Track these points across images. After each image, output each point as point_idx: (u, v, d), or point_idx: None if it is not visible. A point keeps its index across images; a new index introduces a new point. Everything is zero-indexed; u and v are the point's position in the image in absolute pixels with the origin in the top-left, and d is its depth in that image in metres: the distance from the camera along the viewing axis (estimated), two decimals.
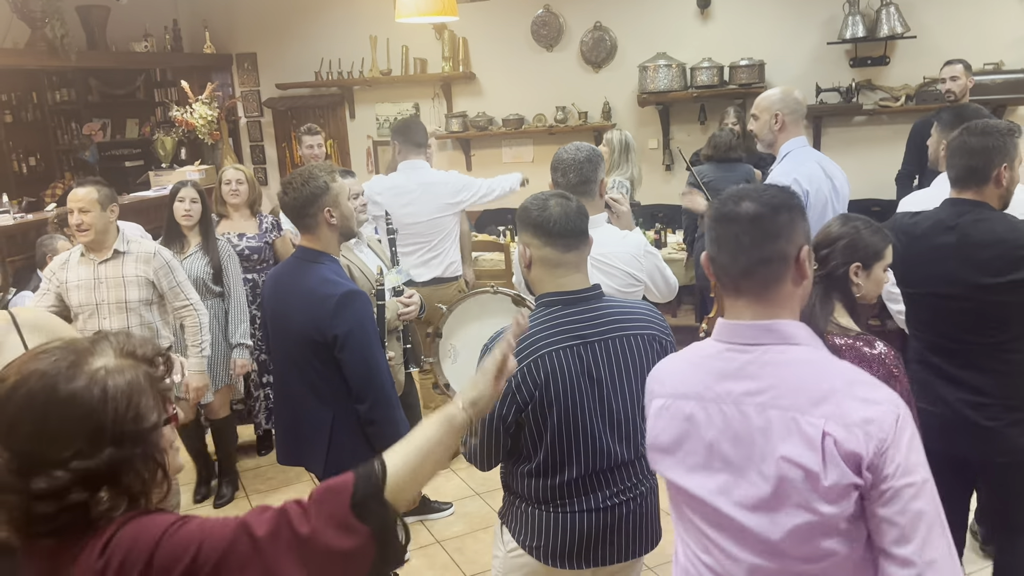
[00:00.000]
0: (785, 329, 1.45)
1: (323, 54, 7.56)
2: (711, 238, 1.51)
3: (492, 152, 7.33)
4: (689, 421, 1.50)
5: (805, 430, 1.37)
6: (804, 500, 1.37)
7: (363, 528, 1.20)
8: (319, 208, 2.56)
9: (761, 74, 6.24)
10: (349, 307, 2.49)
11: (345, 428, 2.56)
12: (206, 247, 4.07)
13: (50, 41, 6.21)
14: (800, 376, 1.41)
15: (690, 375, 1.53)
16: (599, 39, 6.85)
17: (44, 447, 1.09)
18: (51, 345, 1.17)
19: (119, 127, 8.27)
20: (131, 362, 1.17)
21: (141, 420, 1.15)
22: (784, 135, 3.37)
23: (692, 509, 1.53)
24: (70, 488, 1.09)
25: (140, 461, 1.15)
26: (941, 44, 5.83)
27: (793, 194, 1.50)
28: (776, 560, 1.42)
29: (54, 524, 1.11)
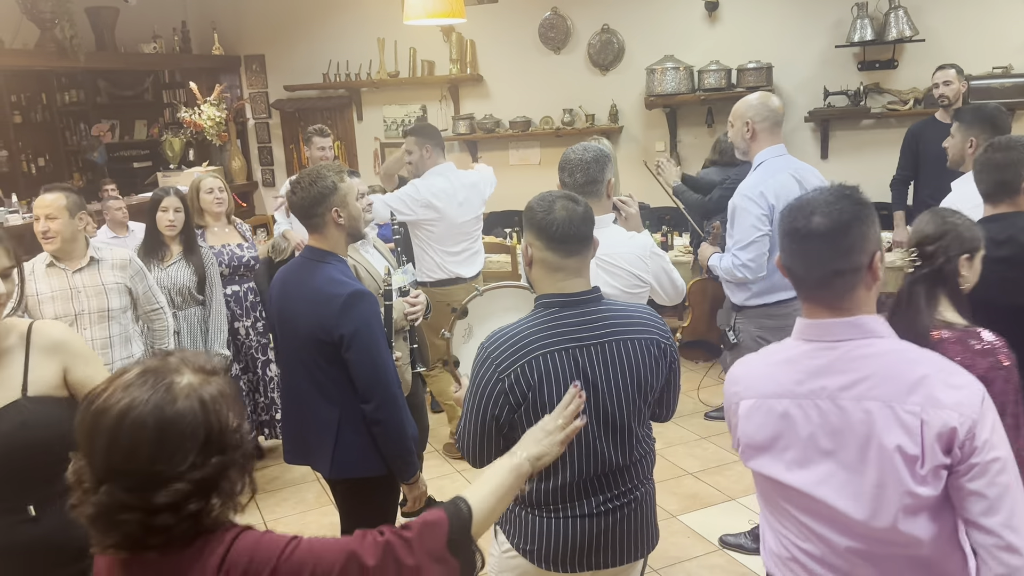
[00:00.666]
0: (869, 324, 1.54)
1: (331, 56, 7.58)
2: (784, 249, 1.60)
3: (499, 154, 7.33)
4: (784, 418, 1.58)
5: (903, 418, 1.46)
6: (903, 485, 1.46)
7: (454, 562, 1.35)
8: (327, 208, 2.57)
9: (769, 77, 6.24)
10: (356, 307, 2.49)
11: (352, 428, 2.56)
12: (189, 256, 4.01)
13: (59, 42, 6.24)
14: (891, 367, 1.50)
15: (778, 374, 1.61)
16: (607, 41, 6.85)
17: (163, 465, 1.17)
18: (132, 372, 1.24)
19: (127, 128, 8.31)
20: (204, 376, 1.26)
21: (235, 426, 1.26)
22: (757, 144, 3.32)
23: (789, 501, 1.61)
24: (188, 499, 1.18)
25: (239, 465, 1.25)
26: (949, 48, 5.81)
27: (863, 203, 1.55)
28: (875, 544, 1.51)
29: (170, 535, 1.19)
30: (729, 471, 4.32)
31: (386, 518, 2.78)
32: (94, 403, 1.21)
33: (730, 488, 4.14)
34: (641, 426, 2.11)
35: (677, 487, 4.21)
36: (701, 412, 5.15)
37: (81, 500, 1.21)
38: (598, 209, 2.71)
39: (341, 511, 2.81)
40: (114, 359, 3.34)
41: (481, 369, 2.01)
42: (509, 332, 2.03)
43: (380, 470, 2.60)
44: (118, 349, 3.39)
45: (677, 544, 3.67)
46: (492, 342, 2.03)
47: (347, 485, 2.69)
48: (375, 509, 2.64)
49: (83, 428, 1.22)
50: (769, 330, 3.34)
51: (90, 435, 1.20)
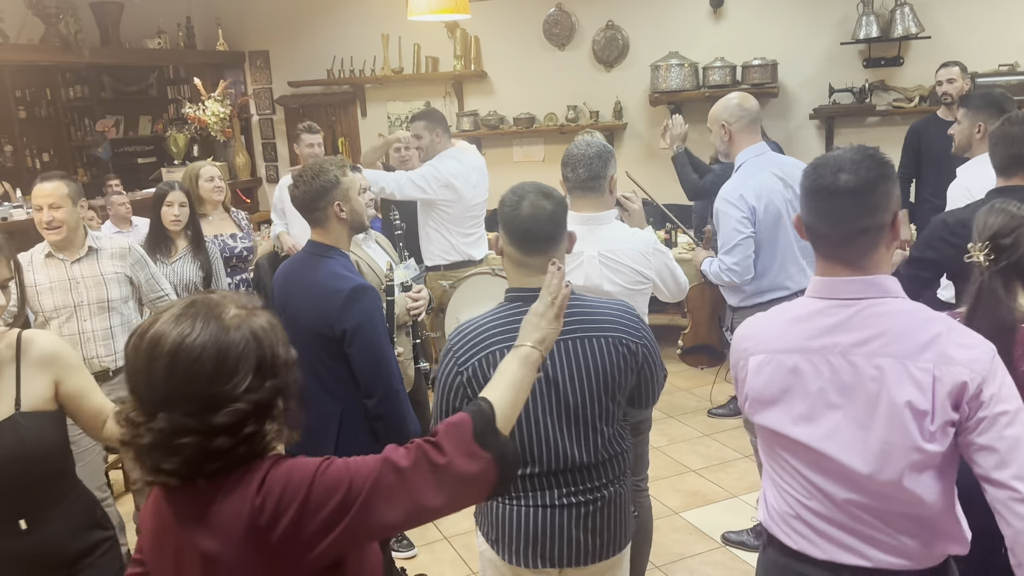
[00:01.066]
0: (885, 283, 1.58)
1: (335, 52, 7.58)
2: (808, 207, 1.62)
3: (503, 151, 7.33)
4: (794, 373, 1.61)
5: (915, 375, 1.49)
6: (912, 441, 1.49)
7: (485, 455, 1.39)
8: (329, 202, 2.57)
9: (774, 74, 6.22)
10: (358, 302, 2.49)
11: (354, 422, 2.56)
12: (196, 250, 3.95)
13: (64, 37, 6.24)
14: (906, 325, 1.53)
15: (790, 331, 1.64)
16: (611, 38, 6.84)
17: (221, 387, 1.23)
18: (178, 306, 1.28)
19: (132, 124, 8.31)
20: (248, 310, 1.31)
21: (284, 353, 1.32)
22: (735, 146, 3.31)
23: (794, 455, 1.63)
24: (246, 420, 1.24)
25: (289, 391, 1.32)
26: (955, 45, 5.79)
27: (886, 162, 1.59)
28: (880, 499, 1.54)
29: (226, 459, 1.24)
30: (732, 468, 4.32)
31: None
32: (146, 335, 1.25)
33: (733, 485, 4.13)
34: (610, 425, 2.08)
35: (680, 484, 4.20)
36: (704, 409, 5.15)
37: (132, 433, 1.25)
38: (601, 205, 2.71)
39: None
40: (116, 350, 3.28)
41: (444, 361, 2.04)
42: (472, 325, 2.04)
43: None
44: (121, 339, 3.27)
45: (679, 541, 3.67)
46: (455, 334, 2.05)
47: None
48: None
49: (136, 359, 1.25)
50: None
51: (147, 364, 1.23)
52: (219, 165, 7.02)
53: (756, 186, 3.22)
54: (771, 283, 3.32)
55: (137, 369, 1.25)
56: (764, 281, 3.31)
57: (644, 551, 3.01)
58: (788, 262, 3.32)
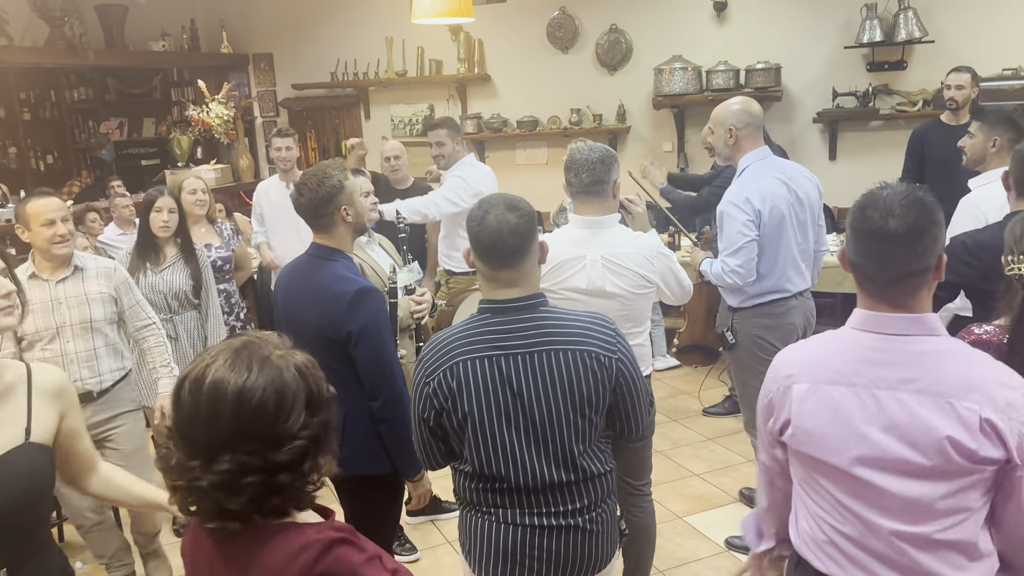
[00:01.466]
0: (929, 321, 1.62)
1: (339, 55, 7.59)
2: (855, 247, 1.64)
3: (506, 154, 7.34)
4: (839, 405, 1.64)
5: (962, 414, 1.53)
6: (955, 472, 1.55)
7: None
8: (335, 207, 2.58)
9: (777, 78, 6.22)
10: (363, 304, 2.49)
11: (358, 425, 2.55)
12: (185, 257, 3.83)
13: (68, 40, 6.26)
14: (952, 365, 1.58)
15: (834, 362, 1.67)
16: (615, 41, 6.84)
17: (282, 424, 1.27)
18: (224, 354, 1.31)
19: (136, 126, 8.33)
20: (285, 349, 1.36)
21: (326, 389, 1.37)
22: (740, 150, 3.34)
23: (835, 483, 1.66)
24: (305, 455, 1.29)
25: (332, 425, 1.36)
26: (959, 49, 5.78)
27: (935, 207, 1.60)
28: (917, 524, 1.59)
29: (287, 494, 1.29)
30: (735, 472, 4.31)
31: (390, 517, 2.78)
32: (203, 382, 1.27)
33: (736, 490, 4.13)
34: (581, 443, 2.01)
35: (683, 488, 4.20)
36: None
37: (188, 478, 1.27)
38: (604, 209, 2.71)
39: (346, 509, 2.81)
40: (102, 371, 3.15)
41: (415, 371, 2.04)
42: (442, 336, 2.03)
43: (386, 468, 2.59)
44: (106, 361, 3.17)
45: (683, 546, 3.66)
46: (428, 345, 2.04)
47: (352, 483, 2.67)
48: (380, 507, 2.64)
49: (195, 405, 1.28)
50: (765, 328, 3.38)
51: (210, 409, 1.26)
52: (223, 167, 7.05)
53: (761, 189, 3.25)
54: (773, 285, 3.35)
55: (196, 416, 1.27)
56: (766, 283, 3.34)
57: (647, 556, 3.01)
58: (788, 265, 3.35)
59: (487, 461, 1.99)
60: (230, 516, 1.28)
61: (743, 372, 3.49)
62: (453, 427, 2.00)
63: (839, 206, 6.29)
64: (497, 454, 1.98)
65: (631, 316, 2.73)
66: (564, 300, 2.63)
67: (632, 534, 2.79)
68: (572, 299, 2.64)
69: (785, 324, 3.38)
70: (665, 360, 5.91)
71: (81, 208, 5.26)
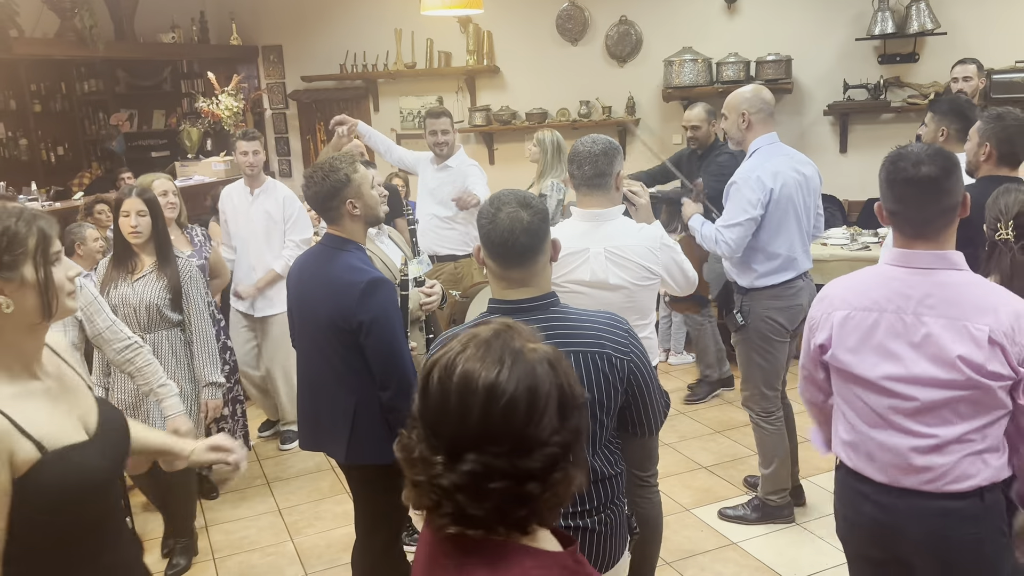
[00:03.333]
0: (953, 257, 1.94)
1: (348, 47, 7.59)
2: (892, 196, 1.96)
3: (515, 146, 7.32)
4: (872, 327, 1.98)
5: (974, 334, 1.86)
6: (970, 384, 1.86)
7: None
8: (341, 200, 2.58)
9: (788, 70, 6.19)
10: (374, 295, 2.50)
11: (368, 415, 2.57)
12: (163, 267, 3.41)
13: (79, 32, 6.28)
14: (970, 294, 1.90)
15: (870, 291, 2.00)
16: (624, 33, 6.82)
17: (534, 428, 1.15)
18: (472, 343, 1.20)
19: (146, 118, 8.36)
20: (533, 340, 1.24)
21: (579, 391, 1.22)
22: (752, 133, 3.46)
23: (868, 393, 2.00)
24: (556, 464, 1.15)
25: (583, 434, 1.22)
26: (971, 41, 5.75)
27: (951, 156, 1.94)
28: (938, 428, 1.91)
29: (535, 505, 1.16)
30: (743, 465, 4.31)
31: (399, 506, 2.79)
32: (453, 371, 1.17)
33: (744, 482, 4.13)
34: (594, 446, 1.99)
35: (691, 480, 4.20)
36: (715, 406, 5.14)
37: (429, 473, 1.17)
38: (607, 201, 2.71)
39: (355, 499, 2.82)
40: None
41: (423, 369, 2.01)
42: (451, 335, 1.99)
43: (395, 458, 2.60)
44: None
45: (690, 538, 3.66)
46: (436, 344, 2.01)
47: (361, 472, 2.70)
48: (389, 497, 2.63)
49: (443, 395, 1.17)
50: (776, 310, 3.48)
51: (459, 402, 1.15)
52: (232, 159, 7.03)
53: (772, 168, 3.37)
54: (786, 265, 3.46)
55: (444, 406, 1.17)
56: (779, 263, 3.45)
57: (654, 548, 3.01)
58: (798, 246, 3.47)
59: None
60: (472, 523, 1.16)
61: (750, 351, 3.56)
62: None
63: (849, 199, 6.27)
64: None
65: (636, 308, 2.72)
66: (568, 293, 2.62)
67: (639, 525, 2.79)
68: (576, 292, 2.63)
69: (794, 305, 3.49)
70: (680, 357, 5.90)
71: (91, 200, 5.28)
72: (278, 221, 4.72)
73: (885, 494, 1.98)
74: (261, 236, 4.71)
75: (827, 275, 5.06)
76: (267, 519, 4.05)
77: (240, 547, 3.83)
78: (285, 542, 3.85)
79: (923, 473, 1.93)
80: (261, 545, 3.84)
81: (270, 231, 4.71)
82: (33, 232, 1.56)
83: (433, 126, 4.91)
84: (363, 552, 2.78)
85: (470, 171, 4.95)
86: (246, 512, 4.14)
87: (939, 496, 1.93)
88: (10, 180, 6.30)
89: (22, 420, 1.52)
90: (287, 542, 3.85)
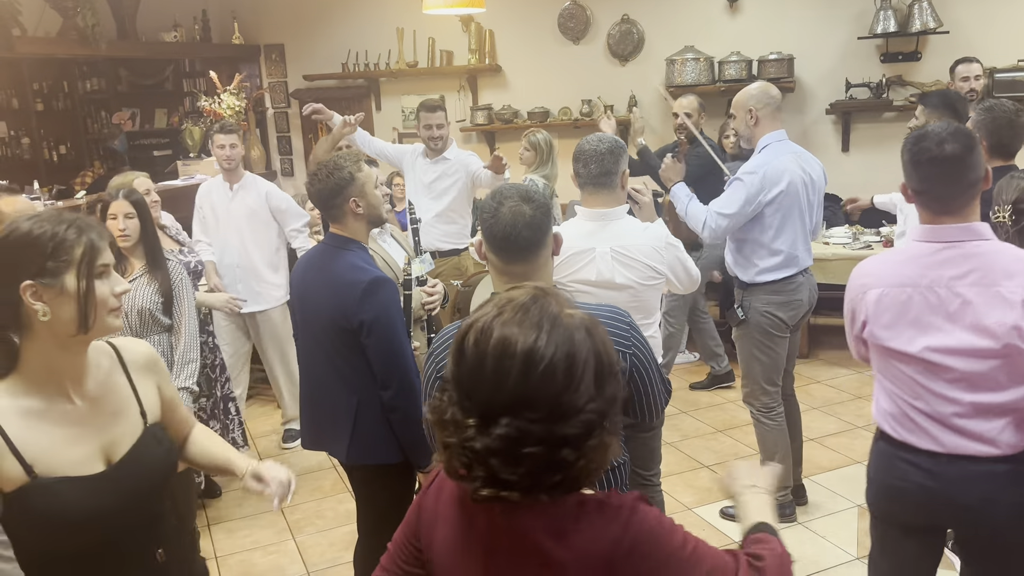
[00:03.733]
0: (979, 228, 2.04)
1: (350, 46, 7.58)
2: (918, 175, 2.05)
3: (517, 145, 7.26)
4: (908, 302, 2.06)
5: (1007, 297, 1.95)
6: (1007, 347, 1.94)
7: None
8: (344, 199, 2.58)
9: (790, 68, 6.19)
10: (376, 294, 2.50)
11: (370, 414, 2.57)
12: (153, 269, 3.29)
13: (81, 30, 6.28)
14: (998, 260, 1.99)
15: (903, 269, 2.09)
16: (626, 32, 6.82)
17: (570, 394, 1.15)
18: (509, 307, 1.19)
19: (148, 116, 8.35)
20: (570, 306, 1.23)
21: (616, 358, 1.23)
22: (760, 129, 3.52)
23: (908, 366, 2.08)
24: (591, 431, 1.16)
25: (619, 402, 1.22)
26: (974, 40, 5.74)
27: (970, 132, 2.05)
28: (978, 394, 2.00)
29: (569, 472, 1.17)
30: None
31: (402, 505, 2.78)
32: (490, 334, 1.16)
33: None
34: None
35: (693, 480, 4.20)
36: (718, 405, 5.14)
37: (461, 436, 1.17)
38: (612, 200, 2.71)
39: (357, 498, 2.82)
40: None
41: (426, 364, 2.01)
42: (453, 329, 1.99)
43: (396, 457, 2.61)
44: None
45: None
46: (439, 336, 2.02)
47: (363, 472, 2.71)
48: (391, 496, 2.65)
49: (479, 358, 1.16)
50: (776, 305, 3.51)
51: (496, 366, 1.14)
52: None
53: (780, 165, 3.42)
54: (787, 261, 3.49)
55: (480, 370, 1.16)
56: (781, 259, 3.48)
57: None
58: (799, 243, 3.50)
59: None
60: (506, 486, 1.16)
61: (750, 346, 3.58)
62: None
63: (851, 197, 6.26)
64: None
65: (641, 307, 2.72)
66: (574, 293, 2.62)
67: None
68: (582, 292, 2.64)
69: (794, 300, 3.52)
70: (683, 356, 5.90)
71: (93, 199, 5.27)
72: (262, 216, 4.64)
73: (933, 461, 2.06)
74: (245, 232, 4.65)
75: (829, 274, 5.08)
76: (269, 518, 4.05)
77: (242, 546, 3.84)
78: (287, 541, 3.86)
79: (969, 439, 2.01)
80: (263, 544, 3.84)
81: (255, 227, 4.64)
82: (82, 242, 1.53)
83: (428, 120, 4.85)
84: (365, 551, 2.79)
85: (471, 159, 4.95)
86: (248, 511, 4.15)
87: (986, 460, 2.00)
88: (13, 179, 6.28)
89: (20, 438, 1.48)
90: (289, 541, 3.86)
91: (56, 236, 1.51)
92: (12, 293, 1.48)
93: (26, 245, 1.50)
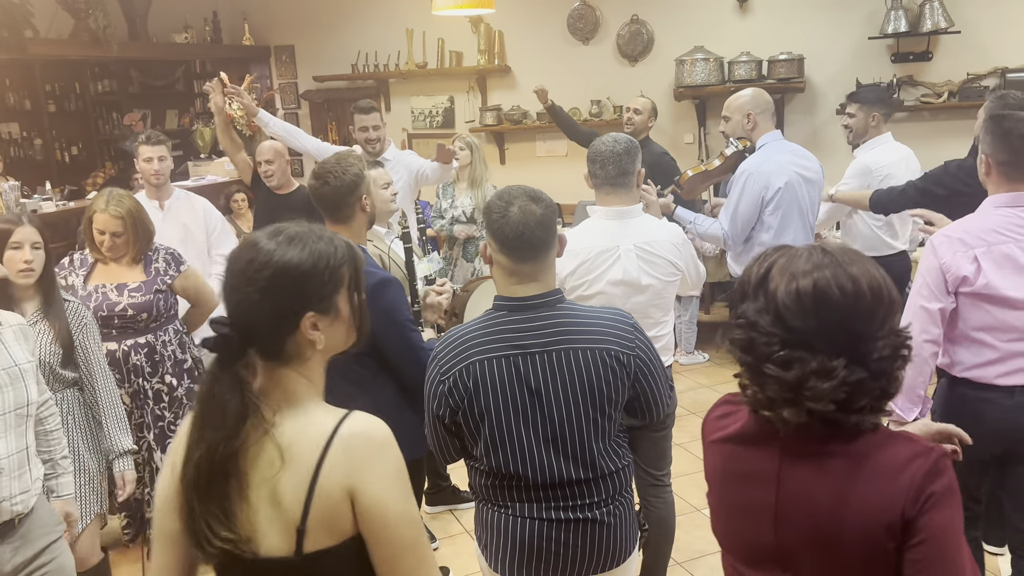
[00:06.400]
0: None
1: (360, 47, 7.60)
2: (1007, 148, 2.33)
3: (526, 146, 7.33)
4: (1011, 256, 2.34)
5: None
6: None
7: None
8: (358, 197, 2.60)
9: (800, 69, 6.16)
10: (382, 296, 2.50)
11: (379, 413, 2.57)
12: (49, 313, 2.72)
13: (93, 32, 6.32)
14: None
15: (998, 229, 2.36)
16: (636, 32, 6.81)
17: (864, 325, 1.27)
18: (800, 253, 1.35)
19: (159, 117, 8.40)
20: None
21: (897, 295, 1.34)
22: (758, 131, 3.70)
23: (1009, 308, 2.35)
24: (891, 360, 1.28)
25: (903, 334, 1.32)
26: (985, 40, 5.71)
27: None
28: None
29: (870, 397, 1.28)
30: None
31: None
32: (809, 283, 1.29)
33: None
34: (602, 440, 2.00)
35: (702, 481, 4.17)
36: None
37: (774, 369, 1.28)
38: (629, 199, 2.72)
39: None
40: (33, 478, 2.21)
41: (429, 368, 2.01)
42: (457, 333, 1.99)
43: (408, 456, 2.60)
44: (35, 466, 2.24)
45: (702, 538, 3.65)
46: (442, 341, 2.01)
47: None
48: None
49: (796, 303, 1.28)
50: None
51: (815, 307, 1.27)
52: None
53: (780, 162, 3.57)
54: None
55: (799, 308, 1.27)
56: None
57: (666, 548, 3.01)
58: (800, 240, 3.55)
59: (503, 460, 1.97)
60: (815, 414, 1.27)
61: None
62: (468, 425, 1.98)
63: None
64: (514, 452, 1.96)
65: (661, 305, 2.76)
66: (600, 296, 2.62)
67: (651, 525, 2.79)
68: (607, 292, 2.64)
69: None
70: (691, 357, 5.89)
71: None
72: (197, 236, 4.13)
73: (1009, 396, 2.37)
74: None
75: None
76: None
77: None
78: None
79: None
80: None
81: (188, 250, 3.89)
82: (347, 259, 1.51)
83: (363, 122, 4.70)
84: None
85: (410, 158, 4.76)
86: None
87: None
88: (25, 179, 6.34)
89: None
90: None
91: (327, 260, 1.41)
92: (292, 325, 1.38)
93: (305, 276, 1.38)
